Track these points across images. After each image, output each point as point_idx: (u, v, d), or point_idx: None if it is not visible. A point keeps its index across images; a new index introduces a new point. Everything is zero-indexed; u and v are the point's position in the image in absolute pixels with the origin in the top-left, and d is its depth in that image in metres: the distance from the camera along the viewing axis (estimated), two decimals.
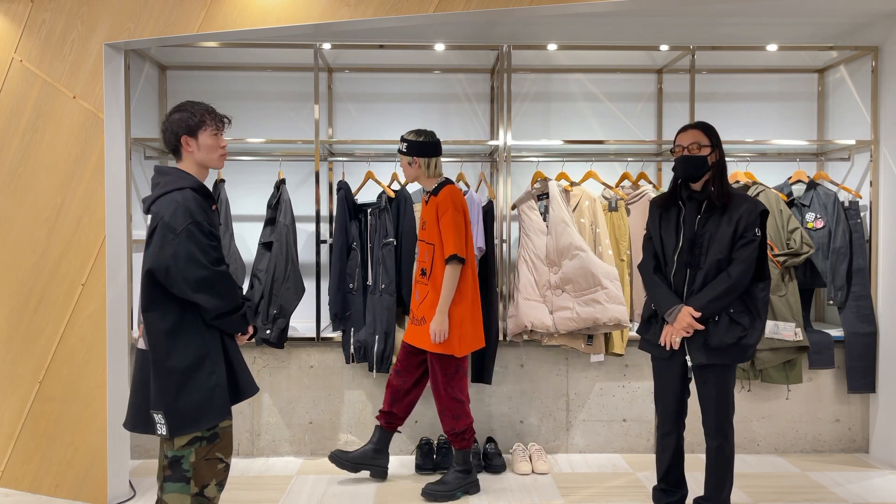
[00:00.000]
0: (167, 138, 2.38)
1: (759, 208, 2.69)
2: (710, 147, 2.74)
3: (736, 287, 2.66)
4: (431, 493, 3.24)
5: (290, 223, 3.86)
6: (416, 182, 3.37)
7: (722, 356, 2.70)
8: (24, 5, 3.25)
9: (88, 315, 3.20)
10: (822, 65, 4.38)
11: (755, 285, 2.72)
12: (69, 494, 3.24)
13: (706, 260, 2.71)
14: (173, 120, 2.36)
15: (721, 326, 2.68)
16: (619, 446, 3.96)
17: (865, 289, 3.86)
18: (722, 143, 2.79)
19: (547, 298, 3.75)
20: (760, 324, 2.72)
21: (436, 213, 3.22)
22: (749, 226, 2.67)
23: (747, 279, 2.67)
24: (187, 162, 2.39)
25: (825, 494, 3.35)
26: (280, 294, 3.74)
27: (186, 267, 2.21)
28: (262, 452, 3.89)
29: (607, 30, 4.04)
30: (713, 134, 2.78)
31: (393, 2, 3.03)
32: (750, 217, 2.67)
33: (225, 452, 2.38)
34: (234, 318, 2.34)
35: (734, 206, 2.70)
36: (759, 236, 2.68)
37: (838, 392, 3.94)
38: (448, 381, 3.25)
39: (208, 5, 3.12)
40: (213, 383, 2.28)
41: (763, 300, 2.73)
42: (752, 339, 2.70)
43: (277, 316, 3.72)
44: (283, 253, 3.78)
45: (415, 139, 3.26)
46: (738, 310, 2.70)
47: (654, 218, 2.89)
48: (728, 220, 2.69)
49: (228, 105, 4.24)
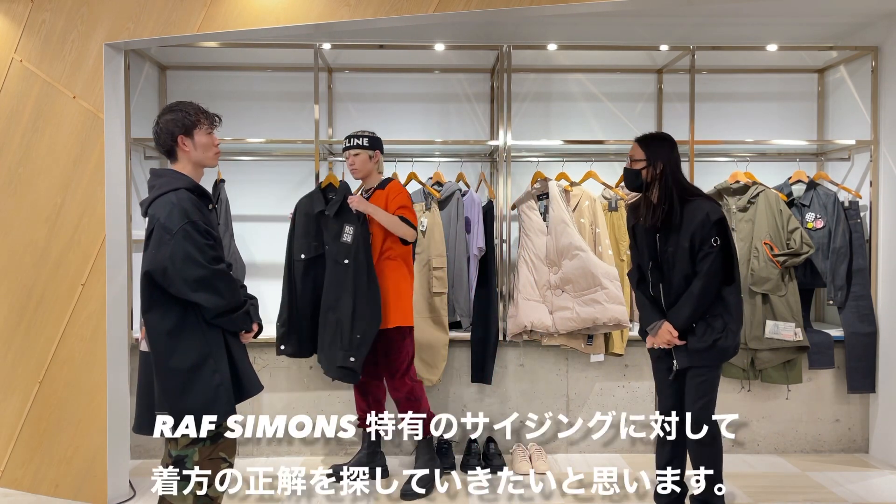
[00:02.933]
0: (162, 140, 2.37)
1: (712, 219, 2.70)
2: (643, 161, 2.78)
3: (703, 298, 2.72)
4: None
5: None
6: (365, 178, 3.40)
7: (701, 358, 2.77)
8: (24, 5, 3.25)
9: (88, 315, 3.20)
10: (822, 65, 4.38)
11: (725, 290, 2.76)
12: (69, 494, 3.24)
13: (674, 274, 2.78)
14: (168, 120, 2.36)
15: (698, 331, 2.76)
16: (619, 446, 3.95)
17: (865, 289, 3.86)
18: (673, 155, 2.77)
19: (547, 298, 3.75)
20: (735, 325, 2.78)
21: (386, 201, 3.29)
22: (704, 239, 2.70)
23: (712, 290, 2.72)
24: (183, 162, 2.38)
25: (825, 494, 3.35)
26: None
27: (184, 267, 2.21)
28: (262, 452, 3.89)
29: (607, 30, 4.03)
30: (652, 148, 2.78)
31: (393, 2, 3.03)
32: (704, 230, 2.70)
33: (228, 452, 2.38)
34: (235, 317, 2.34)
35: (687, 222, 2.73)
36: (716, 246, 2.70)
37: (838, 392, 3.94)
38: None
39: (208, 5, 3.12)
40: (216, 382, 2.28)
41: (735, 304, 2.79)
42: (729, 342, 2.76)
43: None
44: None
45: (372, 135, 3.37)
46: (712, 314, 2.76)
47: (630, 226, 2.98)
48: (685, 236, 2.73)
49: (229, 105, 4.25)
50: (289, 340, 3.50)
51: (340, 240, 3.25)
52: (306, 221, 3.46)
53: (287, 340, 3.50)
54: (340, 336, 3.22)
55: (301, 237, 3.47)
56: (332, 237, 3.30)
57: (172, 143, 2.36)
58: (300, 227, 3.48)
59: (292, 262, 3.51)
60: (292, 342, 3.50)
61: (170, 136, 2.36)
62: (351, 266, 3.20)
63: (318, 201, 3.45)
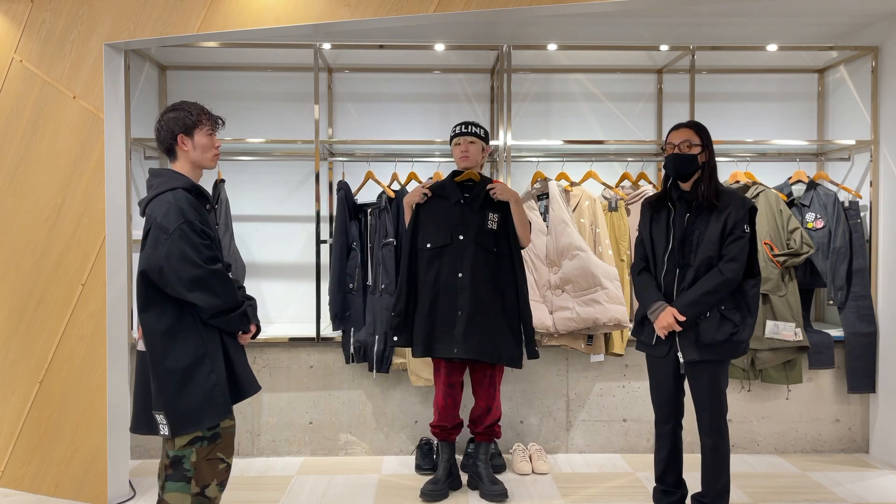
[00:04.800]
0: (162, 137, 2.38)
1: (747, 205, 2.70)
2: (700, 146, 2.76)
3: (727, 283, 2.67)
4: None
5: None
6: (471, 168, 3.28)
7: (714, 352, 2.71)
8: (24, 5, 3.25)
9: (88, 315, 3.20)
10: (822, 65, 4.38)
11: (746, 282, 2.73)
12: (69, 494, 3.24)
13: (696, 258, 2.73)
14: (170, 118, 2.37)
15: (712, 323, 2.69)
16: (619, 446, 3.96)
17: (865, 289, 3.86)
18: (713, 144, 2.80)
19: (547, 298, 3.75)
20: (752, 320, 2.73)
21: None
22: (738, 223, 2.68)
23: (738, 275, 2.68)
24: (181, 162, 2.39)
25: (825, 494, 3.35)
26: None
27: (180, 266, 2.21)
28: (262, 452, 3.89)
29: (607, 30, 4.03)
30: (704, 133, 2.79)
31: (393, 2, 3.03)
32: (738, 214, 2.68)
33: (226, 452, 2.38)
34: (232, 317, 2.33)
35: (723, 204, 2.71)
36: (747, 233, 2.69)
37: (838, 392, 3.94)
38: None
39: (208, 5, 3.12)
40: (212, 382, 2.28)
41: (754, 296, 2.74)
42: (744, 336, 2.71)
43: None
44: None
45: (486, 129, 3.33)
46: (728, 306, 2.71)
47: (646, 219, 2.91)
48: (717, 217, 2.70)
49: (229, 105, 4.26)
50: (404, 331, 3.27)
51: (486, 228, 3.22)
52: (436, 211, 3.28)
53: (401, 331, 3.27)
54: (509, 326, 3.19)
55: (429, 227, 3.27)
56: (474, 226, 3.20)
57: (172, 142, 2.37)
58: (428, 217, 3.28)
59: (414, 251, 3.29)
60: (406, 333, 3.28)
61: (170, 134, 2.36)
62: (506, 255, 3.22)
63: (454, 191, 3.27)
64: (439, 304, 3.19)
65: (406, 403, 3.91)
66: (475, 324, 3.15)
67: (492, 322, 3.17)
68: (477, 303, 3.15)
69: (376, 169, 4.09)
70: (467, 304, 3.15)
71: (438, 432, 3.34)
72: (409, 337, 3.26)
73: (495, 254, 3.20)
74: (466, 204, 3.24)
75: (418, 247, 3.27)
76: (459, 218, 3.23)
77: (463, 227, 3.21)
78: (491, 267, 3.20)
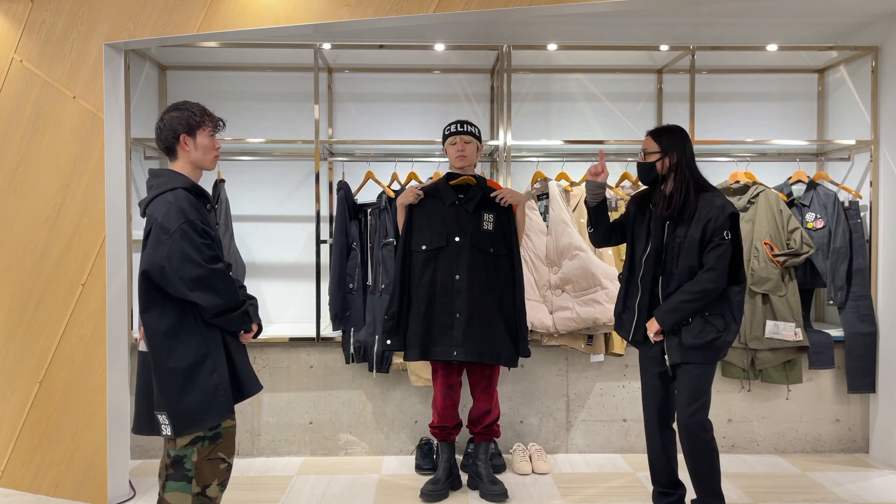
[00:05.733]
0: (164, 136, 2.37)
1: (727, 211, 2.68)
2: (658, 153, 2.76)
3: (706, 293, 2.66)
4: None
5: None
6: (467, 168, 3.28)
7: (696, 355, 2.72)
8: (24, 5, 3.25)
9: (88, 315, 3.20)
10: (822, 65, 4.38)
11: (731, 289, 2.73)
12: (69, 494, 3.24)
13: (678, 266, 2.73)
14: (172, 118, 2.36)
15: (695, 328, 2.70)
16: (619, 446, 3.96)
17: (865, 289, 3.86)
18: (687, 146, 2.76)
19: (547, 298, 3.75)
20: (735, 326, 2.74)
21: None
22: (717, 230, 2.66)
23: (717, 284, 2.66)
24: (182, 162, 2.39)
25: (825, 494, 3.35)
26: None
27: (181, 266, 2.21)
28: (262, 452, 3.89)
29: (607, 30, 4.04)
30: (668, 140, 2.77)
31: (393, 2, 3.03)
32: (718, 221, 2.66)
33: (227, 452, 2.38)
34: (233, 317, 2.33)
35: (702, 211, 2.70)
36: (727, 239, 2.67)
37: (838, 392, 3.94)
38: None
39: (208, 5, 3.12)
40: (214, 382, 2.28)
41: (738, 303, 2.74)
42: (728, 339, 2.72)
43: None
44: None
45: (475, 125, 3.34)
46: (712, 312, 2.70)
47: (629, 213, 2.94)
48: (696, 225, 2.69)
49: (228, 105, 4.26)
50: (397, 334, 3.23)
51: (482, 229, 3.20)
52: (430, 213, 3.25)
53: (394, 335, 3.22)
54: (506, 326, 3.19)
55: (423, 229, 3.24)
56: (469, 228, 3.19)
57: (174, 141, 2.36)
58: (422, 219, 3.25)
59: (408, 253, 3.25)
60: (400, 337, 3.23)
61: (172, 133, 2.36)
62: (504, 255, 3.22)
63: (449, 193, 3.25)
64: (436, 307, 3.18)
65: (406, 403, 3.91)
66: (473, 326, 3.14)
67: (489, 323, 3.17)
68: (474, 304, 3.15)
69: (376, 169, 4.10)
70: (465, 306, 3.14)
71: (438, 433, 3.34)
72: (402, 341, 3.22)
73: (491, 254, 3.20)
74: (461, 205, 3.23)
75: (412, 249, 3.24)
76: (454, 220, 3.22)
77: (458, 229, 3.20)
78: (487, 268, 3.20)
